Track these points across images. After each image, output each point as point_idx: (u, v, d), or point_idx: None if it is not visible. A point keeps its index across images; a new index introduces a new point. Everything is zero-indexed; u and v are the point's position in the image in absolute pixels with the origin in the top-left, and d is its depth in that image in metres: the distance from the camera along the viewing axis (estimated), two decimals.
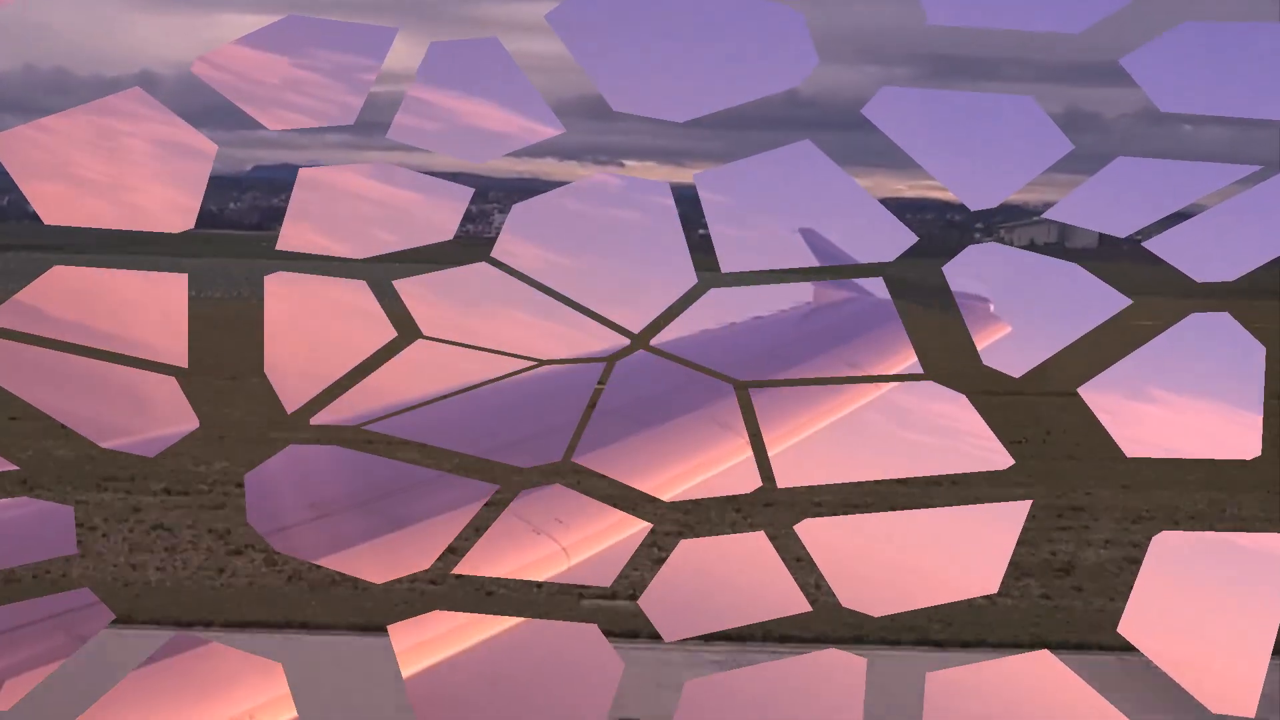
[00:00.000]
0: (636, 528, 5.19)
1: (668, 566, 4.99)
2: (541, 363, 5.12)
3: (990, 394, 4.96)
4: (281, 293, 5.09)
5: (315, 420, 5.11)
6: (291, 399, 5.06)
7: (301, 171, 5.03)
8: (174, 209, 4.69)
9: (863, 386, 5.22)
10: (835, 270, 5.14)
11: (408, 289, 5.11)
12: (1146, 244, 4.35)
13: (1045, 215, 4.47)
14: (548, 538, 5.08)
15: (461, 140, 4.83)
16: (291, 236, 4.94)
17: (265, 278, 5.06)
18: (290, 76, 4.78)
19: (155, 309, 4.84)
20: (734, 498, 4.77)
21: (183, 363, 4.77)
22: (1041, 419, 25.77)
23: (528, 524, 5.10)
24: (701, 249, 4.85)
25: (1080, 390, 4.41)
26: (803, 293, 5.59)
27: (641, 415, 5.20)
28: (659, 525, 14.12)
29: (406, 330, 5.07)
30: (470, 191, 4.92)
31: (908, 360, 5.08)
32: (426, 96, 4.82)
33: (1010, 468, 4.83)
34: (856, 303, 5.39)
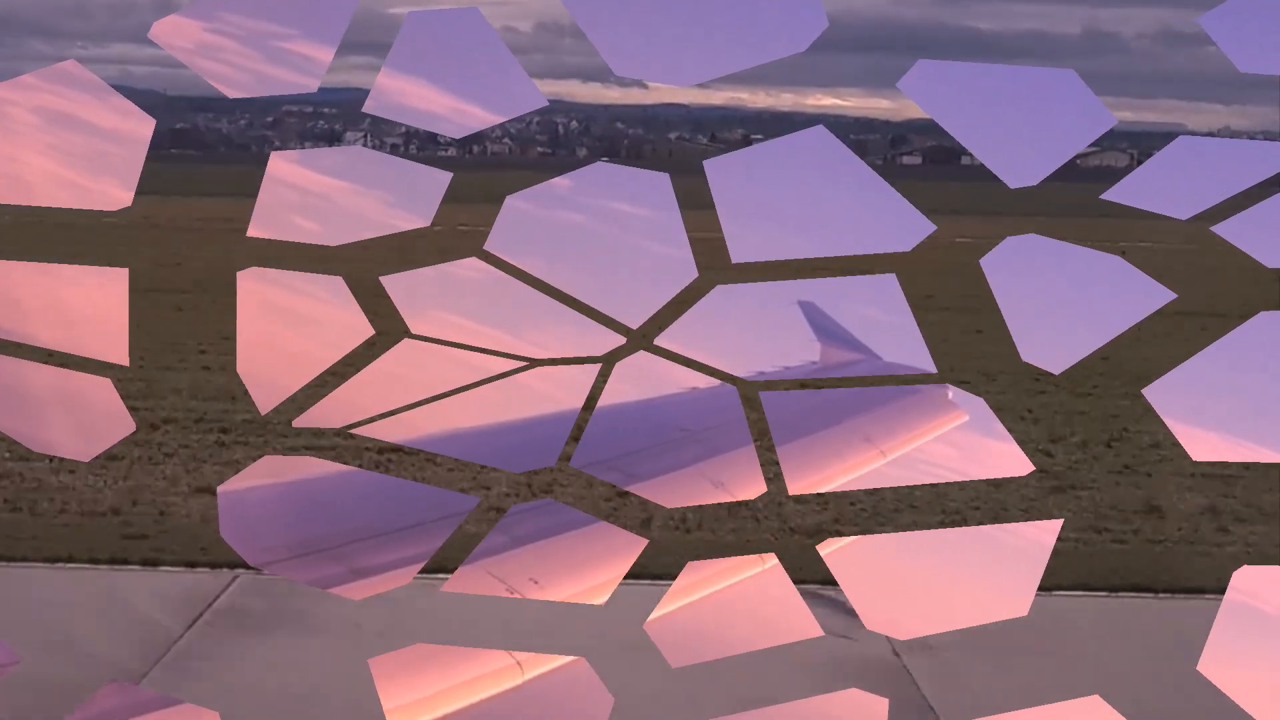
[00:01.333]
0: (633, 545, 4.65)
1: (674, 589, 4.53)
2: (534, 363, 4.64)
3: None
4: (254, 289, 4.61)
5: (298, 422, 4.64)
6: (265, 400, 4.58)
7: (273, 156, 4.53)
8: (107, 186, 4.20)
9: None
10: (849, 261, 4.59)
11: (395, 285, 4.64)
12: (1215, 228, 3.77)
13: (1105, 196, 3.92)
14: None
15: (438, 117, 4.34)
16: (263, 224, 4.46)
17: (237, 274, 4.59)
18: (249, 43, 4.27)
19: (94, 305, 4.33)
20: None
21: (124, 360, 4.24)
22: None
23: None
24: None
25: (1145, 391, 3.91)
26: (813, 292, 4.98)
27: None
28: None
29: (394, 328, 4.61)
30: (449, 176, 4.43)
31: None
32: (402, 71, 4.34)
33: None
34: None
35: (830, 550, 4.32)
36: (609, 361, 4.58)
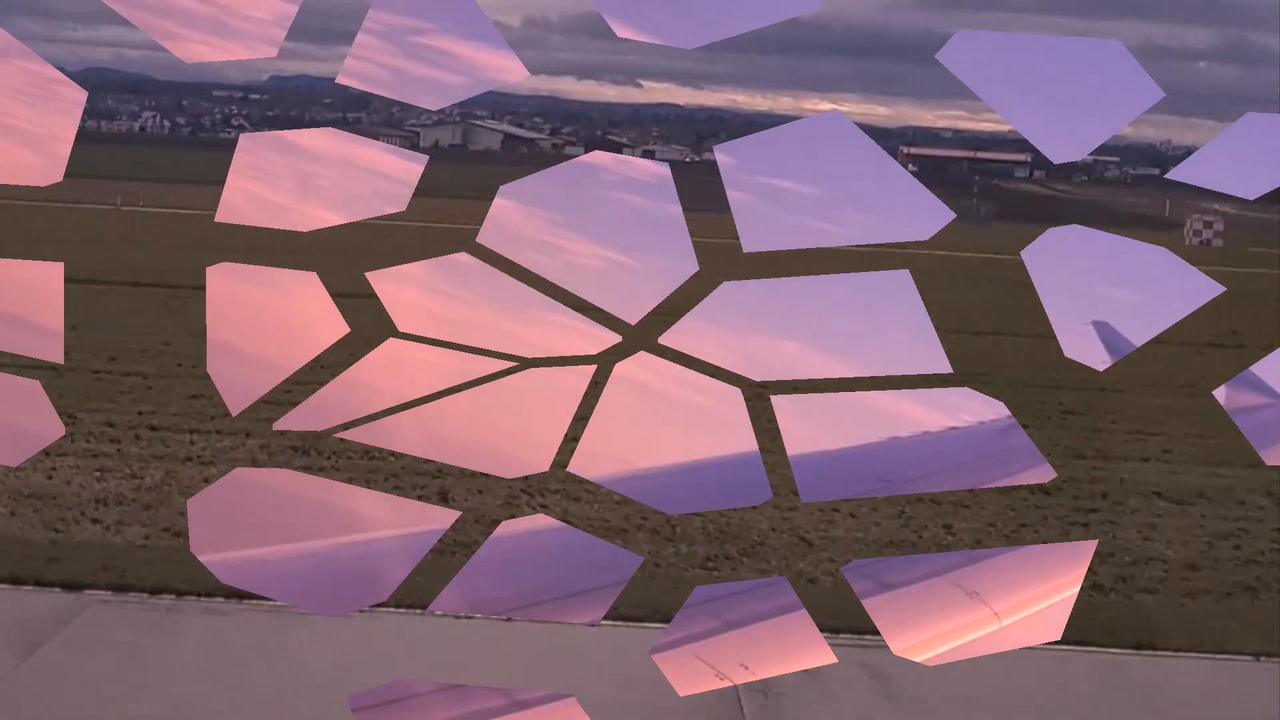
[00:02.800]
0: (629, 561, 4.25)
1: (683, 612, 4.14)
2: (526, 363, 4.25)
3: None
4: (225, 285, 4.24)
5: (279, 425, 4.30)
6: (236, 400, 4.24)
7: (242, 137, 4.15)
8: (40, 163, 3.81)
9: None
10: (863, 251, 4.18)
11: (382, 281, 4.27)
12: None
13: (1170, 175, 3.48)
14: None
15: (417, 86, 3.94)
16: (232, 207, 4.09)
17: (207, 269, 4.23)
18: (206, 8, 3.83)
19: (29, 301, 3.94)
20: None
21: (59, 359, 3.85)
22: None
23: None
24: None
25: (1215, 393, 3.54)
26: (825, 288, 4.55)
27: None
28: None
29: (381, 326, 4.24)
30: (425, 159, 4.06)
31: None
32: (379, 39, 3.93)
33: None
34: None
35: (854, 570, 3.88)
36: (605, 361, 4.17)
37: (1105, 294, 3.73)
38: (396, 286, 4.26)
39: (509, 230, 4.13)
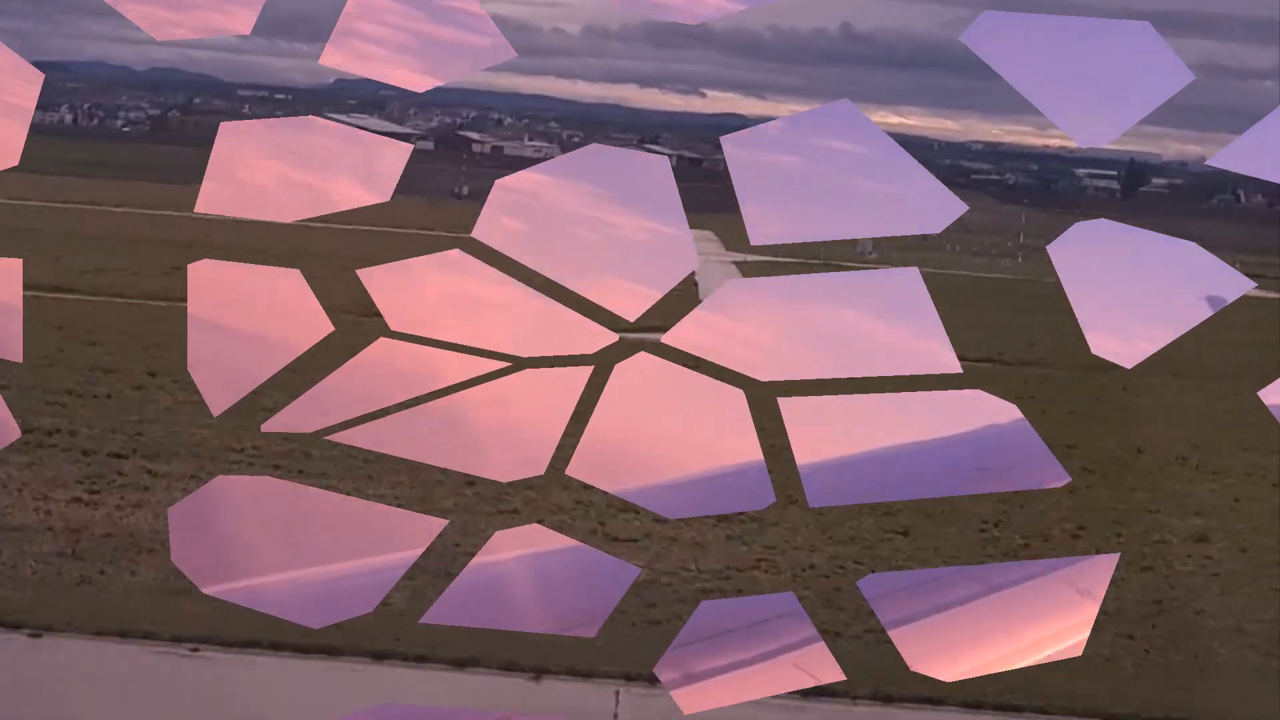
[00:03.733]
0: (625, 574, 4.07)
1: (688, 629, 3.97)
2: (521, 363, 4.09)
3: None
4: (206, 283, 4.10)
5: (267, 427, 4.14)
6: (218, 400, 4.10)
7: (223, 127, 3.98)
8: None
9: None
10: (873, 245, 3.98)
11: (373, 279, 4.11)
12: None
13: (1210, 162, 3.38)
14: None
15: (403, 69, 3.79)
16: (213, 196, 3.97)
17: (188, 266, 4.09)
18: None
19: None
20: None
21: (17, 357, 3.72)
22: None
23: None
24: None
25: (1261, 394, 3.39)
26: (833, 285, 4.36)
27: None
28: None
29: (372, 325, 4.07)
30: (409, 148, 3.92)
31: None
32: (365, 20, 3.77)
33: None
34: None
35: (869, 584, 3.71)
36: (602, 361, 3.99)
37: (1133, 289, 3.57)
38: (388, 284, 4.09)
39: (504, 225, 3.96)
